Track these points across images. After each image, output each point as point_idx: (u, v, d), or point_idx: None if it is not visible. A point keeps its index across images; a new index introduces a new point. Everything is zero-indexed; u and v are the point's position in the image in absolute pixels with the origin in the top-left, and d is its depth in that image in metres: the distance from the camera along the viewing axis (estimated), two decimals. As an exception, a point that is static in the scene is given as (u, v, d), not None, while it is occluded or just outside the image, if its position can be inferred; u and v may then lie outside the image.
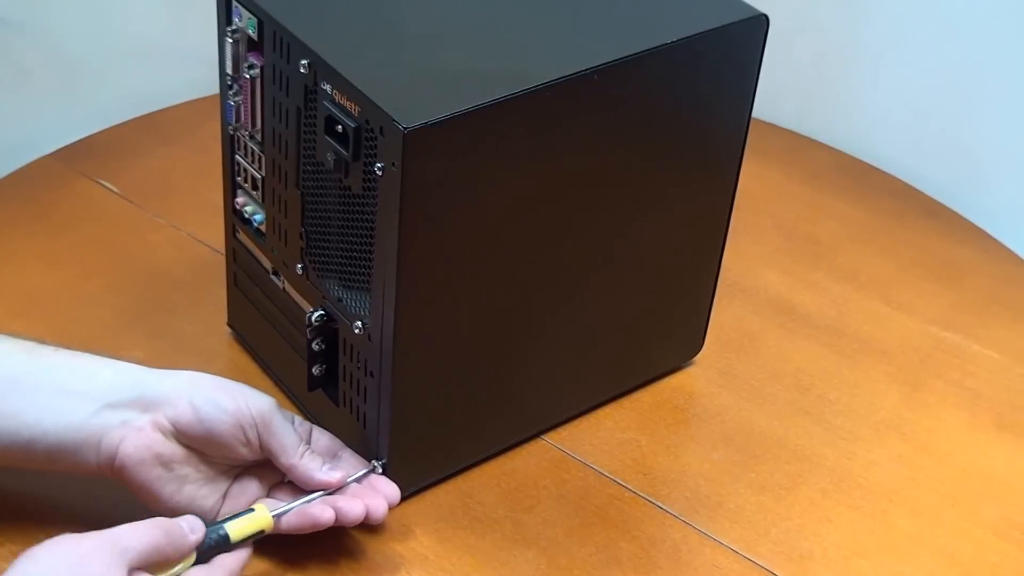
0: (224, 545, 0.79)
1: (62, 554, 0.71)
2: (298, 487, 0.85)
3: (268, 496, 0.85)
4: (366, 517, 0.83)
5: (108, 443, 0.80)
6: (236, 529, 0.80)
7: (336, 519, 0.83)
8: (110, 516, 0.77)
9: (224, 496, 0.84)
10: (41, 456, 0.80)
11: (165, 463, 0.81)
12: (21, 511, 0.86)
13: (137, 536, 0.74)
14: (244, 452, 0.83)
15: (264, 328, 0.96)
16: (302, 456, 0.83)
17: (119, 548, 0.73)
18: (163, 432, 0.81)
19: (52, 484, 0.86)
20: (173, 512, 0.80)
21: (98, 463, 0.81)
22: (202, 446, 0.82)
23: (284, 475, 0.85)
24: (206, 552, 0.79)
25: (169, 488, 0.81)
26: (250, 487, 0.85)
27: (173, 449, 0.81)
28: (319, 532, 0.83)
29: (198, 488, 0.82)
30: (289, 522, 0.82)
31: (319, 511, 0.82)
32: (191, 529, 0.77)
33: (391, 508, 0.85)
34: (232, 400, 0.82)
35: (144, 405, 0.81)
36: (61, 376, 0.82)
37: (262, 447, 0.83)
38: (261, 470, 0.85)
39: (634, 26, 0.85)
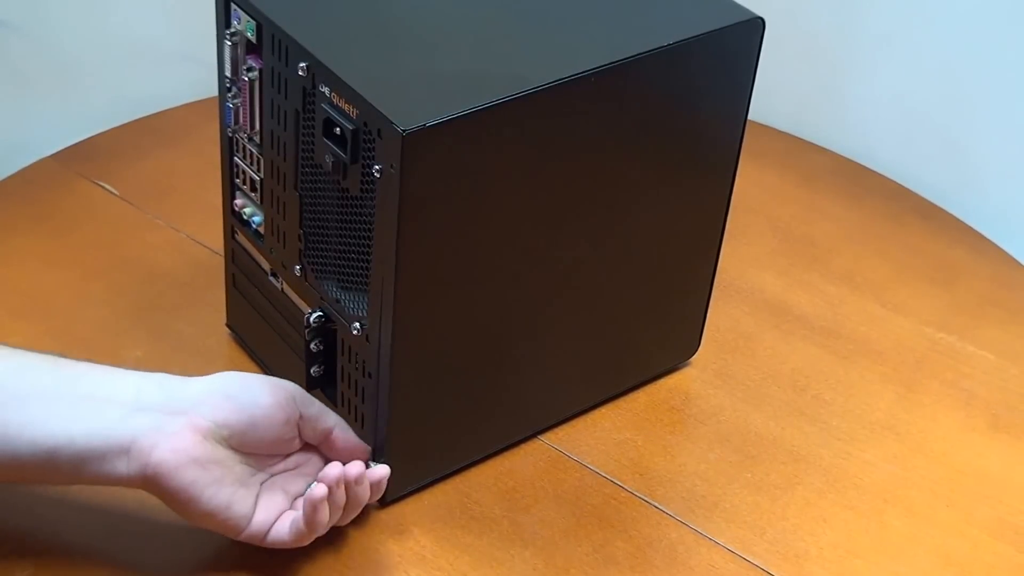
0: None
1: None
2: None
3: (291, 507, 0.84)
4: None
5: (139, 448, 0.78)
6: None
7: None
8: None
9: (255, 505, 0.82)
10: (66, 466, 0.78)
11: (203, 465, 0.79)
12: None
13: None
14: (284, 432, 0.83)
15: (263, 329, 0.97)
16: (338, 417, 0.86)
17: None
18: (201, 433, 0.80)
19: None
20: (208, 518, 0.80)
21: (128, 470, 0.79)
22: (243, 436, 0.81)
23: (305, 486, 0.84)
24: None
25: (208, 491, 0.79)
26: (276, 497, 0.83)
27: (209, 450, 0.80)
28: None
29: (234, 492, 0.81)
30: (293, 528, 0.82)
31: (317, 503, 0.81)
32: None
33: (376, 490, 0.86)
34: (262, 383, 0.83)
35: (175, 409, 0.80)
36: (86, 384, 0.80)
37: (302, 418, 0.84)
38: (285, 481, 0.85)
39: (631, 29, 0.86)
